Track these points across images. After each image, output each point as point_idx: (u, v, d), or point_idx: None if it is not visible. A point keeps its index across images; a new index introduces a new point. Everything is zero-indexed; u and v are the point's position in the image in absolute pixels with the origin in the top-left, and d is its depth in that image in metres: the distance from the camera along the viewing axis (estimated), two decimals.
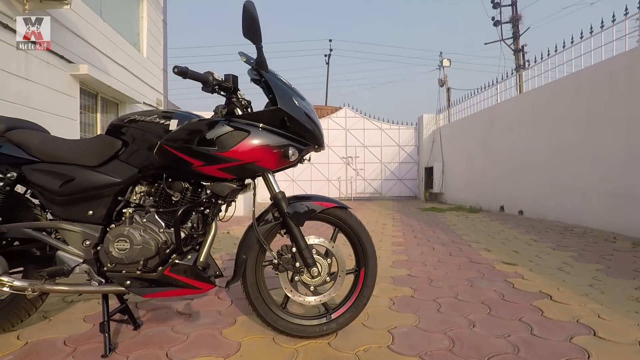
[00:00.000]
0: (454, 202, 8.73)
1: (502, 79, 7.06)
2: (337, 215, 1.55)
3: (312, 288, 1.51)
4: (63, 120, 4.72)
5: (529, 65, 6.02)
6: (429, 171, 9.99)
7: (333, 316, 1.54)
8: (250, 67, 1.43)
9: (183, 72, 1.27)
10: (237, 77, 1.41)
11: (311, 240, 1.50)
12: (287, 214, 1.45)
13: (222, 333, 1.58)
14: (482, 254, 3.13)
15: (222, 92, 1.39)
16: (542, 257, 3.00)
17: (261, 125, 1.37)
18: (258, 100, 1.51)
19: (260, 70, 1.39)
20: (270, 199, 1.53)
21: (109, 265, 1.38)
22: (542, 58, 5.63)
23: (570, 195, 4.96)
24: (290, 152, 1.33)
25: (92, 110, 5.82)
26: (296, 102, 1.42)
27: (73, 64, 4.89)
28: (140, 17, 7.54)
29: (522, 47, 11.77)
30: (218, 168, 1.35)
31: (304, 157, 1.48)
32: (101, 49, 5.66)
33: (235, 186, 1.43)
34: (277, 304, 1.53)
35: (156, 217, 1.41)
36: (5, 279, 1.28)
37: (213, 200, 1.44)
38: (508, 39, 12.00)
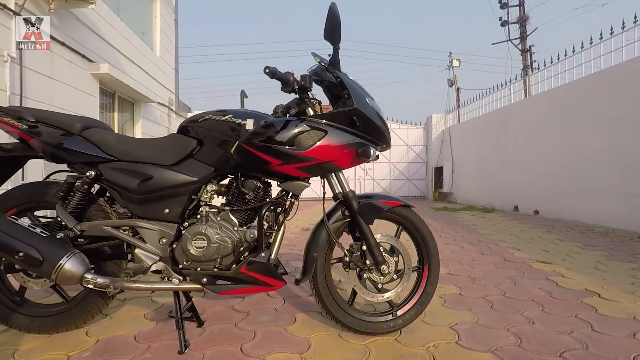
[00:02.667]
0: (465, 202, 8.76)
1: (515, 79, 7.10)
2: (402, 214, 1.57)
3: (379, 285, 1.53)
4: None
5: (545, 65, 6.05)
6: (439, 171, 10.01)
7: (399, 313, 1.56)
8: (324, 67, 1.45)
9: (272, 73, 1.30)
10: (312, 77, 1.43)
11: (377, 237, 1.52)
12: (358, 213, 1.48)
13: (287, 330, 1.60)
14: (513, 252, 3.16)
15: (298, 92, 1.41)
16: (574, 256, 3.03)
17: (336, 125, 1.39)
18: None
19: (335, 71, 1.41)
20: (333, 197, 1.56)
21: (185, 263, 1.40)
22: (558, 59, 5.67)
23: (589, 195, 4.99)
24: (371, 151, 1.36)
25: (110, 110, 5.84)
26: (369, 102, 1.44)
27: (94, 63, 4.90)
28: (153, 16, 7.56)
29: (530, 47, 11.81)
30: (296, 167, 1.37)
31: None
32: (119, 48, 5.67)
33: (308, 185, 1.46)
34: (345, 301, 1.55)
35: (230, 215, 1.43)
36: (89, 276, 1.29)
37: (285, 198, 1.47)
38: (515, 39, 12.05)
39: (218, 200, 1.52)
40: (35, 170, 3.45)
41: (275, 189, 1.53)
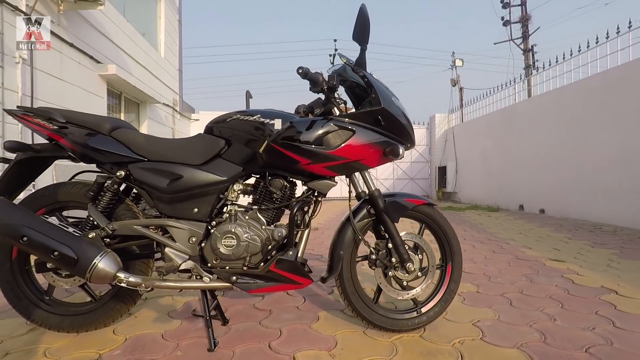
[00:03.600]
0: (469, 201, 8.78)
1: (520, 78, 7.13)
2: (425, 212, 1.59)
3: (404, 283, 1.55)
4: None
5: (550, 65, 6.07)
6: (442, 170, 10.04)
7: (423, 310, 1.57)
8: (350, 67, 1.47)
9: (305, 73, 1.31)
10: (338, 77, 1.45)
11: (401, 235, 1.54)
12: (384, 211, 1.49)
13: (312, 327, 1.61)
14: (524, 251, 3.18)
15: (326, 92, 1.43)
16: (585, 254, 3.05)
17: (363, 124, 1.41)
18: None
19: (362, 71, 1.43)
20: (356, 196, 1.58)
21: (214, 261, 1.42)
22: (564, 58, 5.69)
23: (595, 193, 5.02)
24: (400, 150, 1.37)
25: (116, 111, 5.85)
26: (395, 102, 1.46)
27: (101, 64, 4.92)
28: (157, 17, 7.58)
29: (532, 47, 11.85)
30: (324, 166, 1.39)
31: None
32: (125, 49, 5.69)
33: (335, 184, 1.47)
34: (371, 298, 1.57)
35: (258, 214, 1.45)
36: (121, 275, 1.30)
37: (312, 197, 1.48)
38: (517, 38, 12.09)
39: (242, 200, 1.53)
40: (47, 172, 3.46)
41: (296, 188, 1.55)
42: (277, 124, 1.39)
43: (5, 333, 1.56)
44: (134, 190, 1.61)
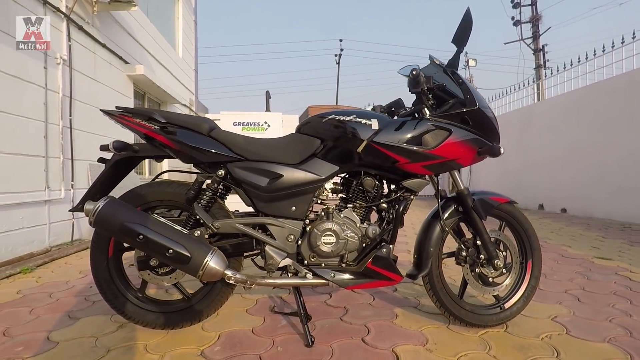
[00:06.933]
0: None
1: (539, 78, 7.16)
2: (508, 210, 1.62)
3: (490, 279, 1.58)
4: None
5: (572, 65, 6.11)
6: None
7: (505, 306, 1.61)
8: (442, 68, 1.50)
9: (417, 75, 1.34)
10: (432, 78, 1.48)
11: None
12: (473, 209, 1.52)
13: (395, 323, 1.64)
14: (566, 249, 3.21)
15: (425, 93, 1.46)
16: (627, 252, 3.08)
17: (457, 124, 1.44)
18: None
19: (456, 72, 1.46)
20: (436, 194, 1.60)
21: (311, 259, 1.45)
22: (587, 58, 5.73)
23: (621, 192, 5.05)
24: (502, 150, 1.41)
25: None
26: (486, 102, 1.49)
27: (129, 64, 4.94)
28: (176, 18, 7.60)
29: (543, 47, 11.88)
30: (422, 165, 1.42)
31: None
32: (149, 50, 5.71)
33: (428, 182, 1.51)
34: (456, 294, 1.60)
35: (353, 212, 1.48)
36: (229, 272, 1.33)
37: (403, 195, 1.51)
38: (528, 38, 12.13)
39: (339, 198, 1.56)
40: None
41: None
42: (374, 124, 1.42)
43: (97, 330, 1.59)
44: (220, 189, 1.64)
